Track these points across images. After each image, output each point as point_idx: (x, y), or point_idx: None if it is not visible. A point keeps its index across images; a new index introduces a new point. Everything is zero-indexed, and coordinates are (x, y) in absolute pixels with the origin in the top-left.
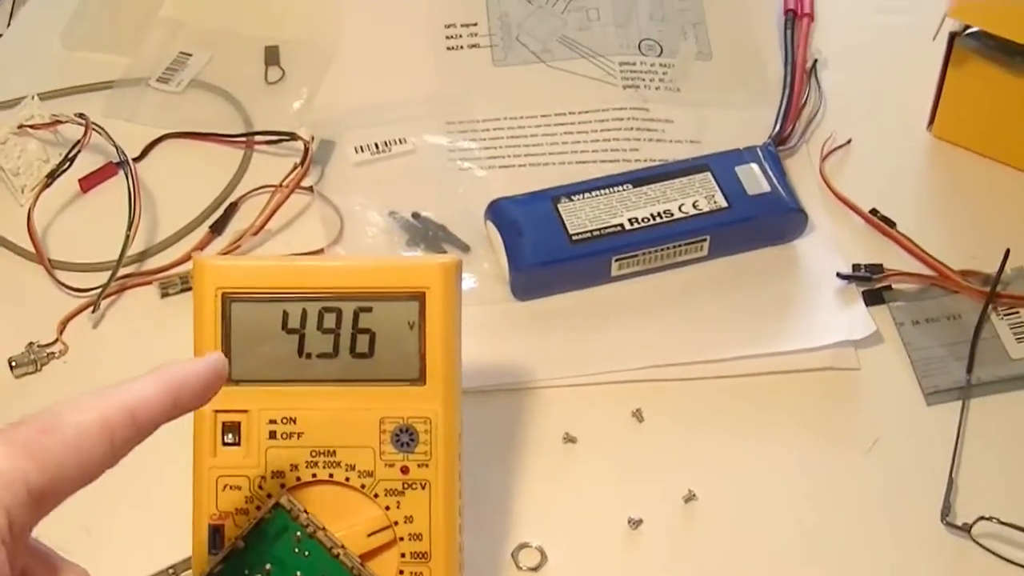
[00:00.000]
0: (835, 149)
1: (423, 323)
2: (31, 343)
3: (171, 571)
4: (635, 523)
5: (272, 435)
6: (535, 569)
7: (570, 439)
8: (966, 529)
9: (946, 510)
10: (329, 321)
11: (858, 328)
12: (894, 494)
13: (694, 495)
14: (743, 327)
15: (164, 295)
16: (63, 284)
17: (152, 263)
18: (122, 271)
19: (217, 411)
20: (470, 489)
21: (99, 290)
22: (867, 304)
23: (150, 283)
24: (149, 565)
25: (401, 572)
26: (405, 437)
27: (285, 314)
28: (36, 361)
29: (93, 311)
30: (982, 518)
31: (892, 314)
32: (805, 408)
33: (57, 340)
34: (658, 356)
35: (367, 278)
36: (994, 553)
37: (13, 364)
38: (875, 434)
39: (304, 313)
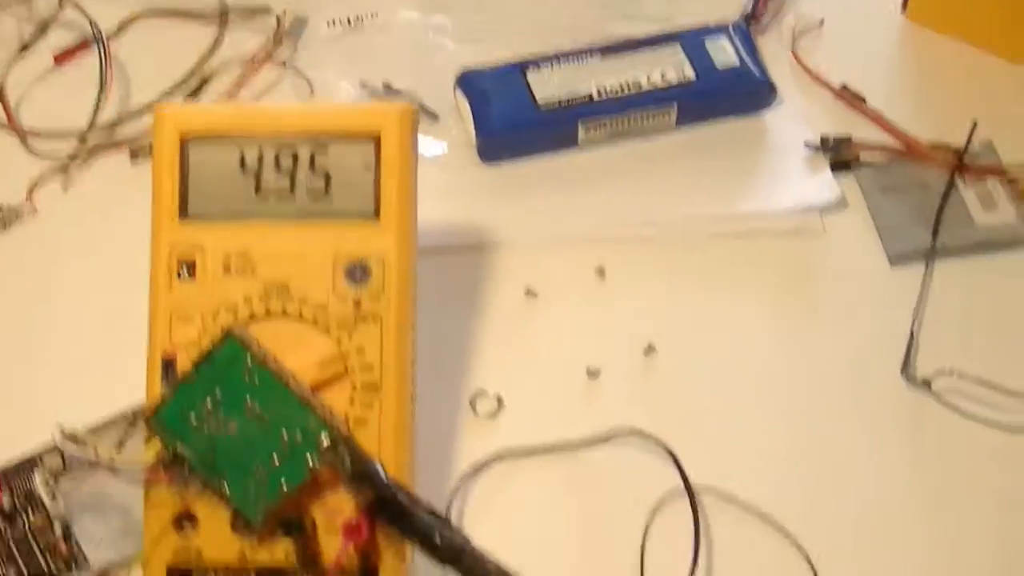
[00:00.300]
0: (807, 29)
1: (378, 164)
2: None
3: (129, 415)
4: (593, 373)
5: (227, 269)
6: (492, 416)
7: (531, 293)
8: (926, 383)
9: (906, 364)
10: (286, 161)
11: (824, 193)
12: (856, 352)
13: (654, 348)
14: (707, 191)
15: (134, 159)
16: (34, 148)
17: (124, 131)
18: (95, 139)
19: (173, 245)
20: (429, 340)
21: (69, 155)
22: (834, 173)
23: (121, 148)
24: (112, 407)
25: (352, 402)
26: (358, 272)
27: (242, 154)
28: (4, 221)
29: (64, 174)
30: (941, 372)
31: (859, 182)
32: (768, 270)
33: (27, 201)
34: (623, 216)
35: (324, 121)
36: (952, 407)
37: None
38: (839, 296)
39: (261, 154)
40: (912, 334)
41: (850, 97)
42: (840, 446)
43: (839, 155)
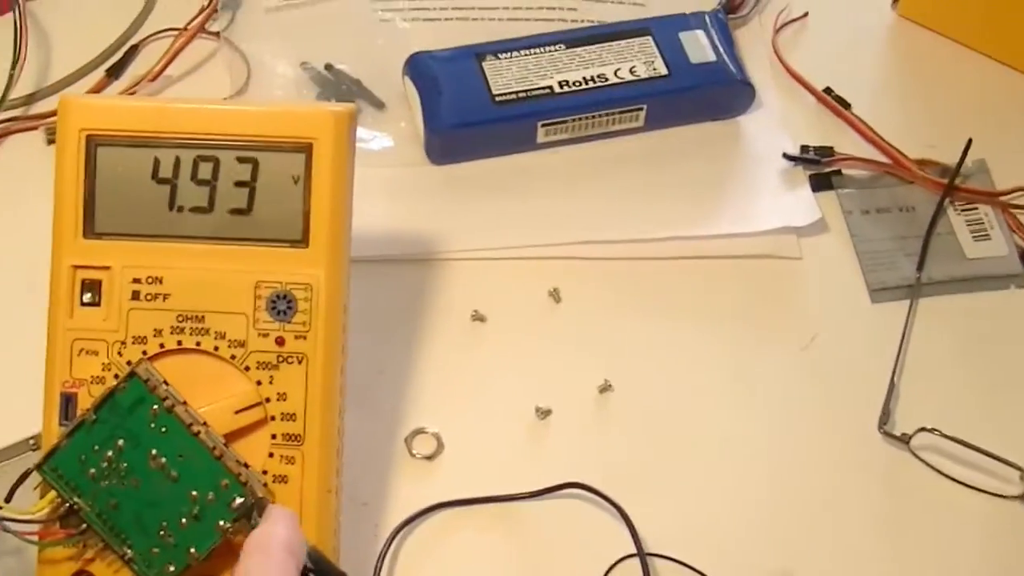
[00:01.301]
0: (790, 22)
1: (309, 178)
2: None
3: (32, 442)
4: (543, 412)
5: (135, 295)
6: (429, 458)
7: (479, 317)
8: (904, 440)
9: (884, 418)
10: (205, 171)
11: (802, 214)
12: (830, 396)
13: (610, 385)
14: (677, 206)
15: (50, 142)
16: None
17: (41, 107)
18: (6, 115)
19: (76, 267)
20: (363, 366)
21: None
22: (814, 189)
23: (36, 128)
24: (12, 435)
25: (271, 455)
26: (282, 304)
27: (156, 161)
28: None
29: None
30: (923, 429)
31: (840, 202)
32: (739, 298)
33: None
34: (582, 232)
35: (249, 124)
36: (932, 467)
37: None
38: (814, 330)
39: (177, 161)
40: (892, 383)
41: (834, 103)
42: (810, 505)
43: (820, 168)
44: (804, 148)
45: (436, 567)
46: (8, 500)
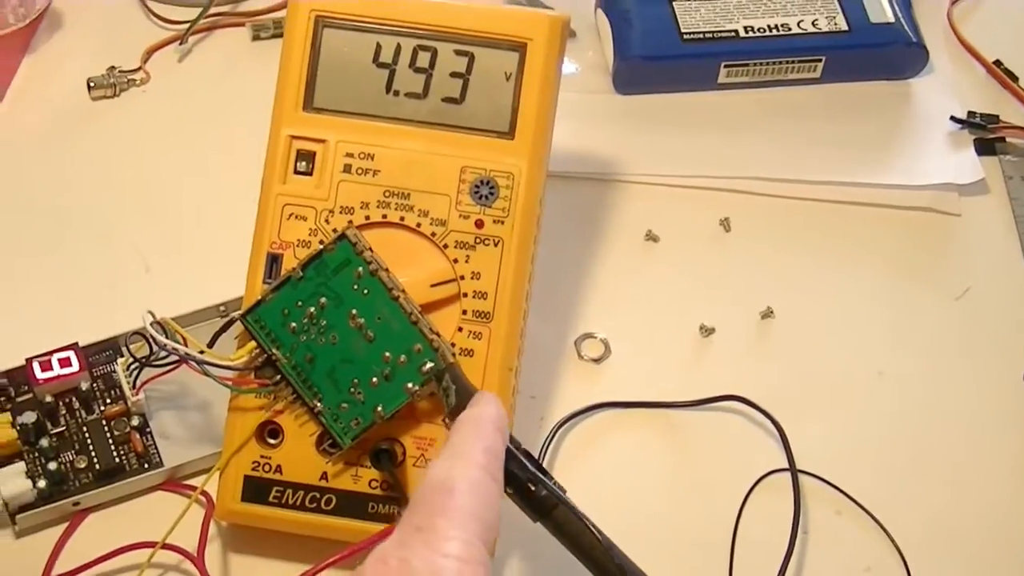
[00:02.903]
0: None
1: (520, 75)
2: (112, 67)
3: (222, 308)
4: (707, 331)
5: (347, 169)
6: (597, 361)
7: (652, 237)
8: None
9: None
10: (423, 60)
11: (965, 173)
12: (977, 345)
13: (772, 312)
14: (846, 154)
15: (255, 38)
16: (154, 14)
17: (248, 6)
18: (216, 9)
19: (293, 137)
20: (542, 272)
21: (189, 24)
22: (978, 153)
23: (243, 24)
24: (203, 300)
25: (460, 329)
26: (485, 189)
27: (378, 47)
28: (115, 85)
29: (181, 44)
30: None
31: (1002, 167)
32: (898, 246)
33: (140, 68)
34: (755, 169)
35: (470, 20)
36: None
37: (92, 84)
38: (967, 282)
39: (398, 48)
40: None
41: (1002, 75)
42: (949, 442)
43: (985, 133)
44: (971, 114)
45: (594, 462)
46: (210, 347)
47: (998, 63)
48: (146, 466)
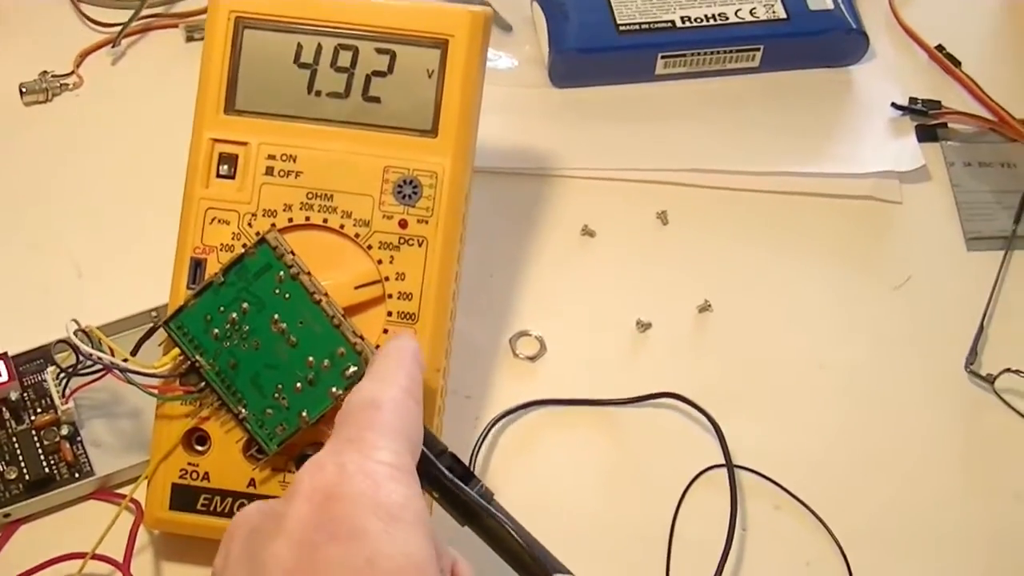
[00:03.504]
0: None
1: (443, 72)
2: (44, 72)
3: (153, 313)
4: (643, 326)
5: (269, 171)
6: (532, 358)
7: (588, 232)
8: (989, 380)
9: (972, 358)
10: (344, 59)
11: (906, 160)
12: (919, 335)
13: (709, 306)
14: (785, 143)
15: (189, 39)
16: (86, 17)
17: (182, 7)
18: (149, 11)
19: (215, 140)
20: (474, 270)
21: (121, 26)
22: (919, 140)
23: (176, 25)
24: (136, 305)
25: (386, 331)
26: (408, 189)
27: (299, 47)
28: (48, 90)
29: (113, 47)
30: (1008, 370)
31: (944, 153)
32: (839, 235)
33: (73, 72)
34: (692, 160)
35: (390, 18)
36: (1014, 409)
37: (24, 90)
38: (909, 271)
39: (319, 48)
40: (981, 327)
41: (945, 60)
42: (890, 434)
43: (926, 120)
44: (912, 100)
45: (530, 459)
46: (133, 355)
47: (940, 48)
48: (77, 475)
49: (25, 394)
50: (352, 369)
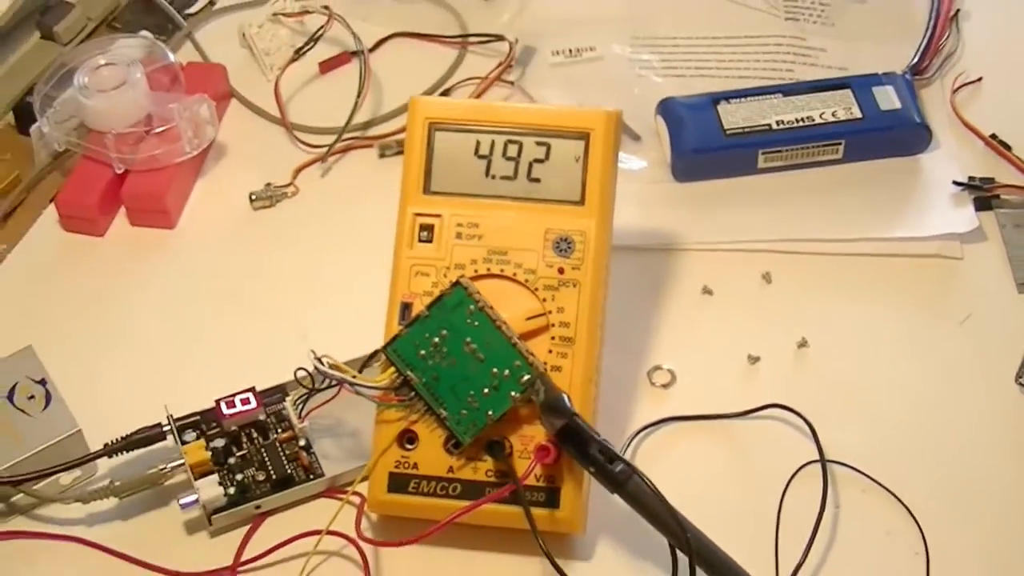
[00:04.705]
0: (966, 84)
1: (587, 157)
2: (269, 183)
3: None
4: (754, 359)
5: (458, 235)
6: (665, 386)
7: (707, 291)
8: None
9: (1020, 372)
10: (512, 151)
11: (964, 223)
12: (977, 360)
13: (806, 342)
14: (866, 216)
15: (381, 155)
16: (299, 140)
17: (375, 131)
18: (349, 135)
19: (417, 214)
20: (618, 319)
21: (328, 147)
22: (976, 209)
23: (371, 145)
24: (344, 356)
25: (550, 351)
26: (564, 245)
27: (478, 143)
28: (272, 197)
29: (322, 162)
30: None
31: (997, 218)
32: (911, 285)
33: (291, 183)
34: (789, 232)
35: (546, 118)
36: None
37: (253, 197)
38: (969, 310)
39: (493, 143)
40: None
41: (998, 145)
42: (954, 433)
43: (982, 193)
44: (971, 178)
45: (664, 462)
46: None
47: (994, 136)
48: (311, 477)
49: (268, 418)
50: (526, 377)
